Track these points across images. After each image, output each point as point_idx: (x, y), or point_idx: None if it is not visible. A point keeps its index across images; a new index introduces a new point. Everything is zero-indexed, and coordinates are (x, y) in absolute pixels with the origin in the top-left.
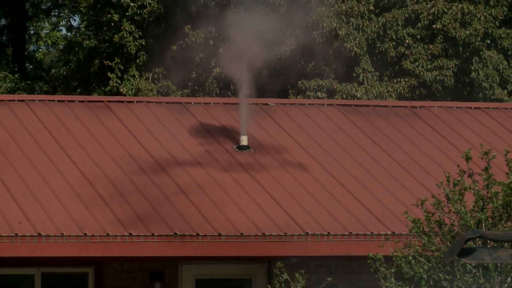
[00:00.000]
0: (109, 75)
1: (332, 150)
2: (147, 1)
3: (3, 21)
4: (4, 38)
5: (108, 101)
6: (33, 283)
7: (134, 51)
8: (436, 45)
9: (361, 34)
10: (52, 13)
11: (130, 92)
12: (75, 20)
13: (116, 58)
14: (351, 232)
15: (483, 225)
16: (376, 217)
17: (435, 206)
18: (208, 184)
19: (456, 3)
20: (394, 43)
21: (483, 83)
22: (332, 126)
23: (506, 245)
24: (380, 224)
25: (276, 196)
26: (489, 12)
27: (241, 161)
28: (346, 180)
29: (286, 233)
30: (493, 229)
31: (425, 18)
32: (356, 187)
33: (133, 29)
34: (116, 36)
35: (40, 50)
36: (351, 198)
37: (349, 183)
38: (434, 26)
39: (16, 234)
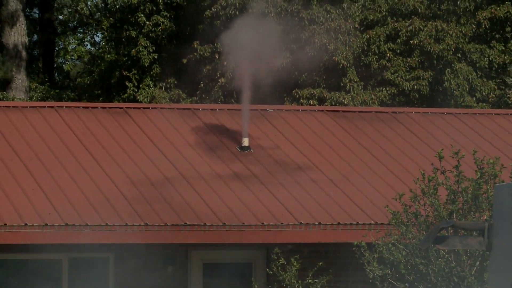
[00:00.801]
0: (127, 84)
1: (323, 150)
2: (161, 20)
3: (35, 37)
4: (35, 52)
5: (126, 108)
6: (60, 267)
7: (149, 64)
8: (414, 58)
9: (347, 48)
10: (78, 31)
11: (145, 99)
12: (98, 36)
13: (133, 70)
14: (339, 222)
15: (455, 216)
16: (361, 208)
17: (412, 200)
18: (214, 180)
19: (430, 22)
20: (376, 57)
21: (454, 91)
22: (323, 129)
23: (474, 233)
24: (364, 215)
25: (274, 190)
26: (460, 29)
27: (243, 160)
28: (334, 176)
29: (282, 223)
30: (464, 219)
31: (403, 35)
32: (343, 182)
33: (148, 44)
34: (133, 50)
35: (67, 62)
36: (339, 192)
37: (337, 179)
38: (412, 41)
39: (46, 224)
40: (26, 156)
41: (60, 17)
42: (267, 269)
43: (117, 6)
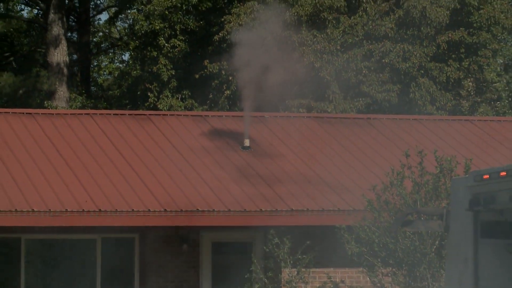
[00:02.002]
0: (149, 95)
1: (310, 149)
2: (177, 43)
3: (74, 57)
4: (75, 69)
5: (149, 114)
6: (95, 245)
7: (167, 78)
8: (385, 74)
9: (330, 66)
10: (109, 51)
11: (164, 107)
12: (125, 55)
13: (154, 83)
14: (323, 209)
15: (418, 203)
16: (342, 197)
17: (383, 190)
18: (220, 173)
19: (399, 44)
20: (354, 73)
21: (418, 101)
22: (310, 132)
23: (435, 217)
24: (344, 202)
25: (270, 182)
26: (423, 50)
27: (244, 157)
28: (320, 170)
29: (277, 209)
30: (425, 206)
31: (376, 55)
32: (327, 176)
33: (167, 62)
34: (154, 67)
35: (101, 77)
36: (323, 184)
37: (322, 173)
38: (383, 60)
39: (83, 209)
40: (67, 155)
41: (95, 39)
42: (264, 247)
43: (142, 31)
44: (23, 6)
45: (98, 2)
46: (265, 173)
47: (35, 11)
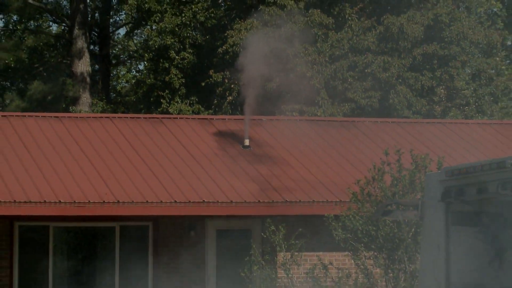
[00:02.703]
0: (162, 101)
1: (302, 147)
2: (186, 55)
3: (96, 67)
4: (96, 77)
5: (161, 118)
6: (114, 232)
7: (178, 86)
8: (367, 82)
9: (320, 75)
10: (126, 62)
11: (175, 111)
12: (141, 66)
13: (166, 90)
14: (314, 200)
15: (397, 195)
16: (330, 190)
17: (366, 184)
18: (224, 169)
19: (380, 56)
20: (341, 81)
21: (397, 106)
22: (302, 134)
23: (411, 208)
24: (332, 195)
25: (267, 177)
26: (401, 62)
27: (244, 155)
28: (310, 166)
29: (273, 200)
30: (403, 198)
31: (360, 66)
32: (317, 171)
33: (177, 72)
34: (166, 77)
35: (119, 85)
36: (314, 178)
37: (313, 169)
38: (366, 70)
39: (104, 201)
40: (90, 153)
41: (114, 52)
42: (262, 234)
43: (155, 46)
44: (51, 23)
45: (117, 19)
46: (263, 169)
47: (62, 27)
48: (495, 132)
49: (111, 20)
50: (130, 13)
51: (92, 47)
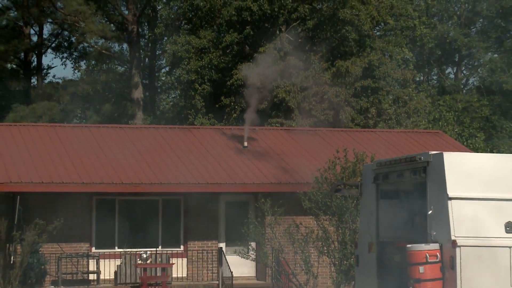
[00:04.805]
0: (189, 117)
1: (283, 148)
2: (205, 87)
3: (147, 94)
4: (146, 101)
5: (190, 128)
6: (158, 204)
7: (200, 107)
8: (325, 104)
9: (294, 99)
10: (167, 91)
11: (198, 124)
12: (176, 93)
13: (192, 110)
14: (290, 182)
15: (344, 179)
16: (301, 175)
17: (324, 171)
18: (230, 160)
19: (333, 87)
20: (308, 103)
21: (344, 120)
22: (282, 139)
23: (354, 187)
24: (302, 178)
25: (260, 167)
26: (347, 91)
27: (244, 152)
28: (289, 160)
29: (263, 182)
30: (348, 180)
31: (320, 93)
32: (292, 162)
33: (199, 98)
34: (192, 101)
35: (162, 106)
36: (290, 168)
37: (291, 161)
38: (324, 97)
39: (151, 182)
40: (143, 150)
41: (158, 84)
42: (256, 204)
43: (184, 80)
44: (117, 65)
45: (160, 62)
46: (256, 162)
47: (124, 67)
48: (409, 138)
49: (156, 63)
50: (168, 58)
51: (143, 81)
